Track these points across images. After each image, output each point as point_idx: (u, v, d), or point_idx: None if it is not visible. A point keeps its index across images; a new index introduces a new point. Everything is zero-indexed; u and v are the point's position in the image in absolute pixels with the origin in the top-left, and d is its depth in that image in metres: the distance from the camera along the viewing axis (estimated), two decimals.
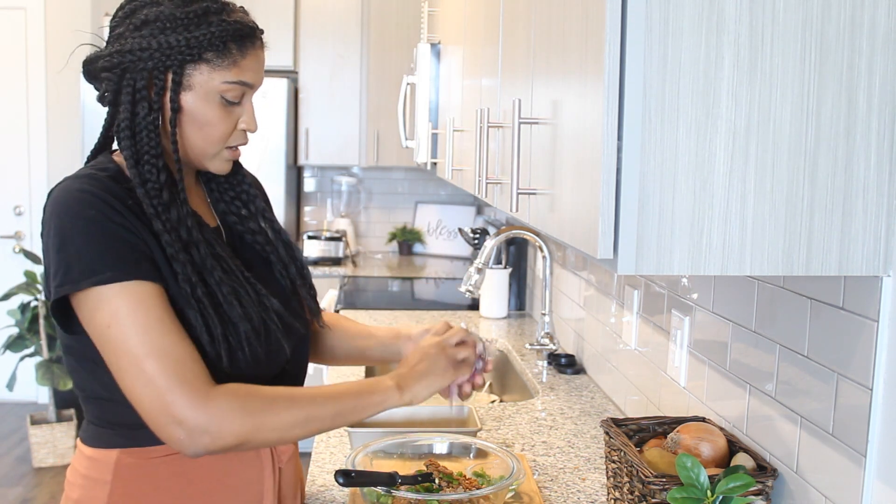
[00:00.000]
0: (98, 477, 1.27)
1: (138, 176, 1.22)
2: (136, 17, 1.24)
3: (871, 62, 0.97)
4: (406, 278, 4.18)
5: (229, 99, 1.27)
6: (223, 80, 1.25)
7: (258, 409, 1.19)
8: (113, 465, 1.26)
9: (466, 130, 2.07)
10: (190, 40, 1.22)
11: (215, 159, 1.32)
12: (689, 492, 1.17)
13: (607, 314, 2.24)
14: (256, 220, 1.42)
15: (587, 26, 1.02)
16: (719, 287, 1.54)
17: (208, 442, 1.16)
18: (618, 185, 0.96)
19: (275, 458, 1.35)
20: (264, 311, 1.31)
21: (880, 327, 1.08)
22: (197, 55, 1.23)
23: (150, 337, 1.15)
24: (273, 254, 1.42)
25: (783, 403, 1.31)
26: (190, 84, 1.25)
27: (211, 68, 1.24)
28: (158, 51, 1.22)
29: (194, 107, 1.25)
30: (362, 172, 5.00)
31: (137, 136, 1.23)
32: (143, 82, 1.23)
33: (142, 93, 1.23)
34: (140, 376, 1.15)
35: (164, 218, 1.22)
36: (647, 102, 0.94)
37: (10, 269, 5.06)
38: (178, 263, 1.21)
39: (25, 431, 4.66)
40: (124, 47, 1.23)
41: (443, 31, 2.80)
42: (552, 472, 1.70)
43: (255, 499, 1.33)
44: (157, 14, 1.23)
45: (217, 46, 1.24)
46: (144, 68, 1.23)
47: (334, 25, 4.54)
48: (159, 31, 1.22)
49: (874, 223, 1.00)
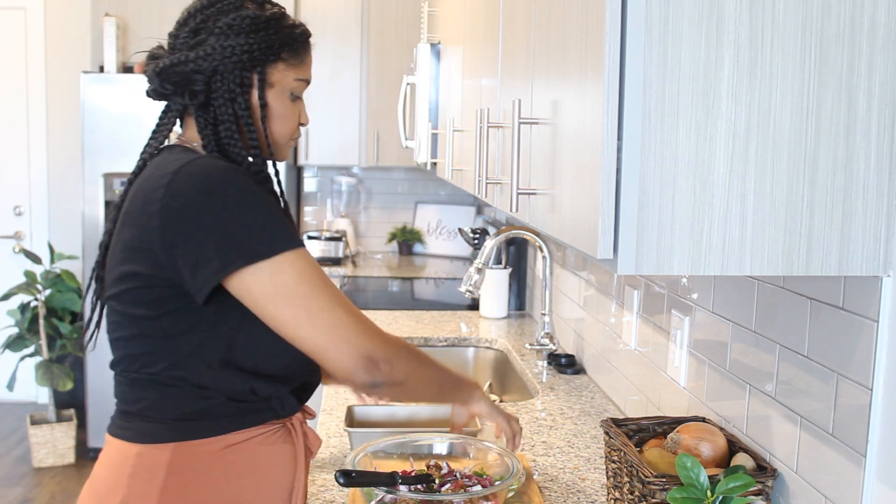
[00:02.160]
0: (148, 474, 1.26)
1: (248, 167, 1.33)
2: (222, 21, 1.33)
3: (871, 62, 0.97)
4: (406, 278, 4.18)
5: (296, 94, 1.40)
6: (295, 77, 1.38)
7: (415, 356, 1.37)
8: (167, 460, 1.26)
9: (466, 130, 2.07)
10: (271, 41, 1.34)
11: (285, 148, 1.44)
12: (689, 492, 1.17)
13: (607, 314, 2.24)
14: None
15: (587, 26, 1.02)
16: (719, 287, 1.54)
17: (387, 371, 1.28)
18: (618, 185, 0.96)
19: (307, 451, 1.40)
20: None
21: (880, 327, 1.08)
22: (276, 54, 1.35)
23: (331, 291, 1.26)
24: None
25: (783, 403, 1.31)
26: (271, 82, 1.36)
27: (286, 66, 1.36)
28: (247, 51, 1.32)
29: (275, 102, 1.37)
30: (362, 172, 5.00)
31: (242, 132, 1.34)
32: (235, 81, 1.32)
33: (235, 91, 1.33)
34: (334, 322, 1.24)
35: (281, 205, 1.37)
36: (647, 102, 0.94)
37: (10, 269, 5.06)
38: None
39: (25, 431, 4.66)
40: (214, 49, 1.31)
41: (443, 31, 2.80)
42: (552, 472, 1.70)
43: (288, 490, 1.36)
44: (241, 17, 1.33)
45: (291, 46, 1.36)
46: (235, 68, 1.32)
47: (334, 25, 4.54)
48: (245, 33, 1.32)
49: (874, 223, 1.00)
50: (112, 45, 4.32)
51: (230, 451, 1.29)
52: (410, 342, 1.67)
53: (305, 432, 1.39)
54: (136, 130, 4.18)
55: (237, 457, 1.29)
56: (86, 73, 4.32)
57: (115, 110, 4.29)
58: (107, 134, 4.29)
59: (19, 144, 5.18)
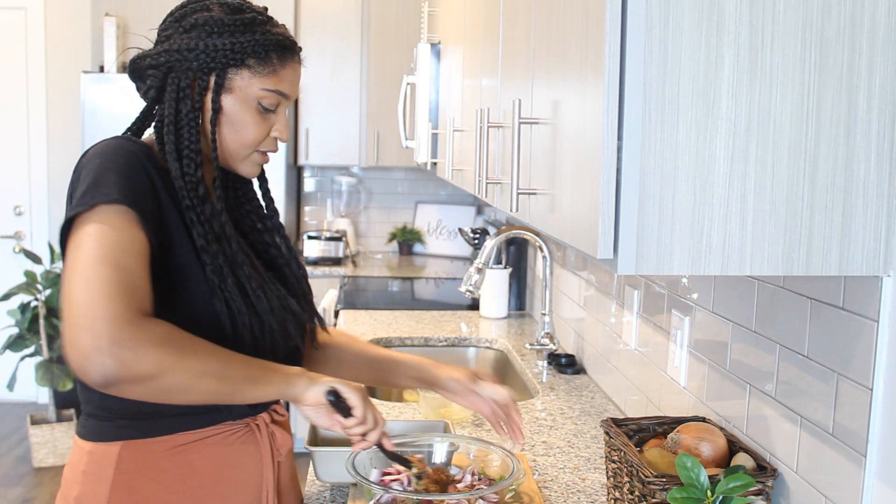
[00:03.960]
0: (99, 472, 1.27)
1: (179, 169, 1.27)
2: (187, 21, 1.31)
3: (871, 62, 0.97)
4: (406, 278, 4.18)
5: (265, 106, 1.33)
6: (262, 87, 1.32)
7: (182, 345, 1.13)
8: (115, 458, 1.27)
9: (466, 130, 2.07)
10: (235, 45, 1.29)
11: (245, 162, 1.37)
12: (689, 492, 1.17)
13: (607, 314, 2.24)
14: (272, 234, 1.47)
15: (587, 26, 1.02)
16: (719, 287, 1.54)
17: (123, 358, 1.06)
18: (618, 185, 0.96)
19: (274, 451, 1.36)
20: (285, 311, 1.38)
21: (880, 327, 1.08)
22: (240, 60, 1.30)
23: (118, 252, 1.13)
24: (286, 267, 1.47)
25: (783, 403, 1.31)
26: (231, 87, 1.31)
27: (252, 74, 1.31)
28: (204, 52, 1.29)
29: (232, 109, 1.32)
30: (362, 172, 5.00)
31: (180, 132, 1.29)
32: (187, 81, 1.30)
33: (185, 91, 1.30)
34: (89, 278, 1.10)
35: (199, 210, 1.27)
36: (647, 102, 0.94)
37: (10, 269, 5.06)
38: (207, 255, 1.26)
39: (25, 431, 4.66)
40: (172, 47, 1.30)
41: (443, 31, 2.80)
42: (552, 472, 1.70)
43: (255, 492, 1.34)
44: (206, 18, 1.30)
45: (259, 54, 1.31)
46: (189, 68, 1.30)
47: (334, 25, 4.54)
48: (207, 35, 1.29)
49: (874, 223, 1.00)
50: (112, 45, 4.33)
51: (181, 450, 1.28)
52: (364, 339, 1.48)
53: (273, 433, 1.37)
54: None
55: (191, 457, 1.29)
56: (86, 73, 4.32)
57: (115, 110, 4.29)
58: (107, 134, 4.18)
59: (19, 144, 5.18)
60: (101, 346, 1.06)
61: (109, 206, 1.16)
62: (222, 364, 1.17)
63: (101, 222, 1.15)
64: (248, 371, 1.20)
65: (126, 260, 1.13)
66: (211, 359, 1.16)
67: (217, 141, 1.32)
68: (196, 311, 1.26)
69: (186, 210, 1.26)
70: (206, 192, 1.29)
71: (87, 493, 1.28)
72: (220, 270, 1.26)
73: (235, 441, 1.32)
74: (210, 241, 1.27)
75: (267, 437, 1.35)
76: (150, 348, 1.09)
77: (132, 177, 1.21)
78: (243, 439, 1.33)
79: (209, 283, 1.26)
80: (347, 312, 3.22)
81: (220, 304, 1.26)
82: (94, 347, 1.06)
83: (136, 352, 1.07)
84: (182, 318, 1.22)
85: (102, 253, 1.12)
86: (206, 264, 1.26)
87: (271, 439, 1.36)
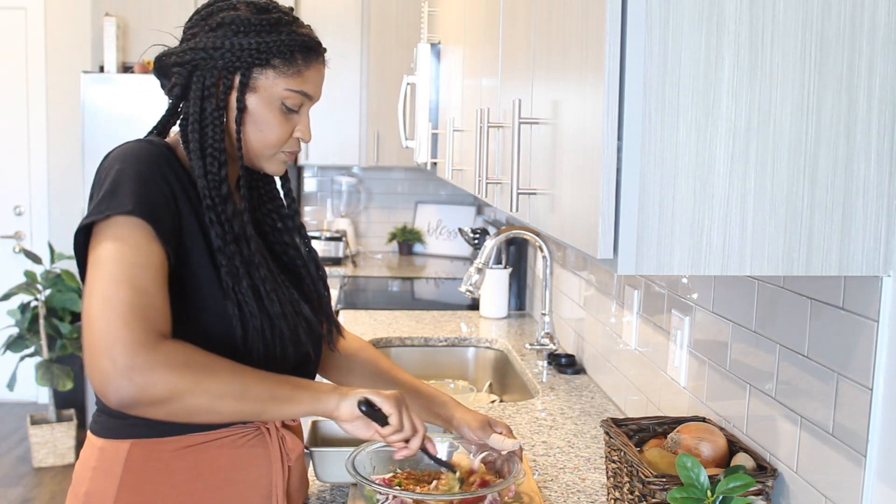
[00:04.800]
0: (108, 469, 1.27)
1: (202, 167, 1.27)
2: (213, 20, 1.31)
3: (871, 62, 0.97)
4: (406, 278, 4.18)
5: (289, 106, 1.33)
6: (286, 87, 1.32)
7: (199, 368, 1.14)
8: (124, 456, 1.27)
9: (466, 130, 2.07)
10: (260, 45, 1.29)
11: (271, 161, 1.37)
12: (689, 492, 1.17)
13: (607, 314, 2.24)
14: (292, 235, 1.47)
15: (587, 26, 1.02)
16: (719, 287, 1.54)
17: (139, 382, 1.08)
18: (618, 185, 0.96)
19: (283, 456, 1.36)
20: (297, 317, 1.37)
21: (880, 327, 1.08)
22: (265, 60, 1.30)
23: (135, 271, 1.14)
24: (303, 269, 1.47)
25: (783, 403, 1.31)
26: (255, 87, 1.31)
27: (276, 74, 1.31)
28: (230, 51, 1.29)
29: (257, 109, 1.32)
30: (362, 172, 5.00)
31: (204, 130, 1.29)
32: (212, 80, 1.30)
33: (210, 90, 1.30)
34: (106, 301, 1.11)
35: (219, 210, 1.27)
36: (647, 102, 0.94)
37: (10, 269, 5.06)
38: (223, 256, 1.26)
39: (25, 431, 4.66)
40: (198, 45, 1.30)
41: (443, 31, 2.80)
42: (552, 472, 1.70)
43: (264, 495, 1.34)
44: (233, 17, 1.30)
45: (284, 54, 1.31)
46: (215, 67, 1.30)
47: (334, 25, 4.54)
48: (233, 34, 1.29)
49: (874, 223, 1.00)
50: (112, 45, 4.33)
51: (191, 451, 1.28)
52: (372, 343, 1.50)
53: (283, 437, 1.36)
54: (137, 130, 4.19)
55: (199, 458, 1.29)
56: (86, 73, 4.32)
57: (115, 110, 4.29)
58: (107, 134, 4.28)
59: (19, 144, 5.18)
60: (118, 370, 1.08)
61: (124, 217, 1.17)
62: (244, 384, 1.17)
63: (117, 239, 1.16)
64: (274, 391, 1.20)
65: (143, 279, 1.15)
66: (231, 379, 1.17)
67: (242, 140, 1.32)
68: (207, 315, 1.26)
69: (207, 210, 1.26)
70: (228, 192, 1.29)
71: (96, 489, 1.28)
72: (235, 271, 1.26)
73: (245, 444, 1.32)
74: (228, 242, 1.27)
75: (277, 441, 1.35)
76: (166, 372, 1.10)
77: (150, 185, 1.21)
78: (253, 442, 1.33)
79: (223, 284, 1.26)
80: (347, 312, 3.22)
81: (232, 306, 1.26)
82: (112, 371, 1.08)
83: (152, 376, 1.09)
84: (193, 321, 1.23)
85: (120, 274, 1.13)
86: (221, 265, 1.26)
87: (282, 443, 1.36)
